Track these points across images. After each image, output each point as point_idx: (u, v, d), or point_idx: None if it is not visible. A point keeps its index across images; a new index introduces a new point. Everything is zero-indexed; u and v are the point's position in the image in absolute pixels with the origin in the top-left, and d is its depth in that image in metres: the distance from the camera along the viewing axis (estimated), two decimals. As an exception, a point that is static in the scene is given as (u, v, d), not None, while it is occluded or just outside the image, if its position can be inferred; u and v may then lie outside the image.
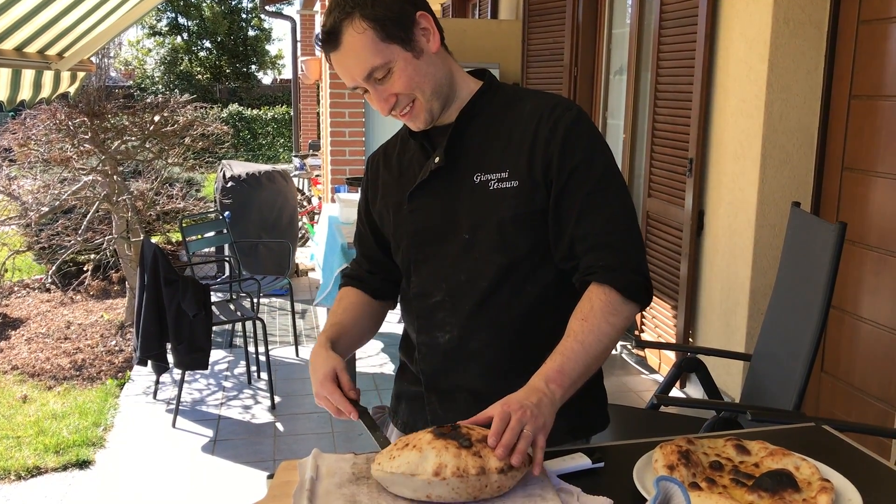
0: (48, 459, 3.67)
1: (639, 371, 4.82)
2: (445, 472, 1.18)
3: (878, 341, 3.28)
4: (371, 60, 1.41)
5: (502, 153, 1.49)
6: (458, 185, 1.51)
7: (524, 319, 1.52)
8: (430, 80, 1.47)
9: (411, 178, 1.57)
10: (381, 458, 1.25)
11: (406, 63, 1.43)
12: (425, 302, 1.57)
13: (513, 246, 1.48)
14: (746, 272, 3.81)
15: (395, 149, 1.66)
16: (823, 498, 1.18)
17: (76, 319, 5.88)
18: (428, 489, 1.19)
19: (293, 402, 4.39)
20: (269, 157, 18.07)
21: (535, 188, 1.46)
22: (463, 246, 1.51)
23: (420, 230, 1.56)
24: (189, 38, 21.20)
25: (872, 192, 3.30)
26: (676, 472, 1.25)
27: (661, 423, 2.78)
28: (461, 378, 1.56)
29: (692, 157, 4.16)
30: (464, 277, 1.52)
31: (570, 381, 1.34)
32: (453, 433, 1.23)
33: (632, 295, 1.42)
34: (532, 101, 1.52)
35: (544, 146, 1.45)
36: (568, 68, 5.78)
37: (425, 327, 1.58)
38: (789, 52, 3.57)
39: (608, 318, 1.39)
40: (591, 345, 1.37)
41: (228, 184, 6.73)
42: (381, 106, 1.48)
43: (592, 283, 1.43)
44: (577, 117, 1.47)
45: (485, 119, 1.53)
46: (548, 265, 1.51)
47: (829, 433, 1.52)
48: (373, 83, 1.45)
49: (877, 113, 3.27)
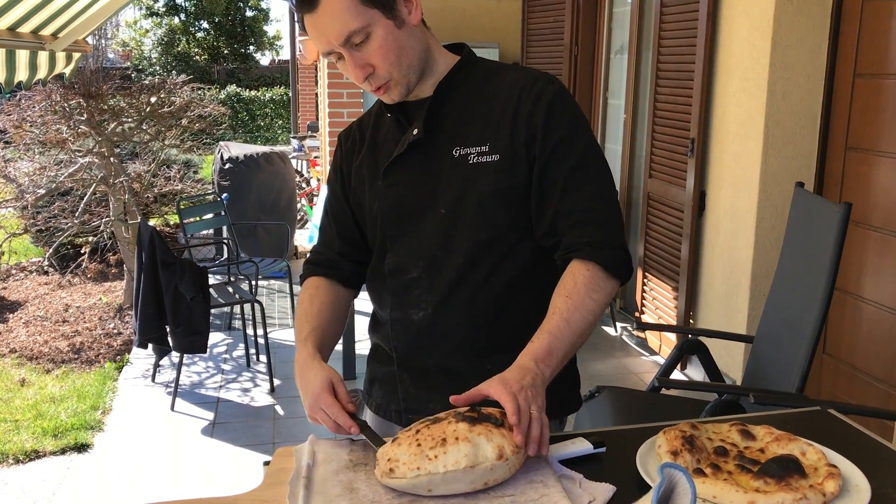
0: (46, 443, 3.66)
1: (639, 353, 4.80)
2: (506, 452, 1.16)
3: (880, 323, 3.26)
4: (350, 23, 1.35)
5: (482, 127, 1.45)
6: (437, 159, 1.47)
7: (501, 297, 1.49)
8: (409, 52, 1.42)
9: (387, 152, 1.52)
10: (416, 463, 1.16)
11: (387, 31, 1.38)
12: (400, 279, 1.52)
13: (491, 222, 1.45)
14: (748, 253, 3.78)
15: (368, 123, 1.60)
16: (830, 484, 1.15)
17: (74, 302, 5.85)
18: (488, 475, 1.16)
19: (292, 385, 4.36)
20: (267, 138, 17.99)
21: (517, 162, 1.43)
22: (440, 221, 1.47)
23: (396, 205, 1.51)
24: (186, 18, 21.05)
25: (876, 172, 3.27)
26: (680, 457, 1.22)
27: (662, 406, 2.76)
28: (435, 356, 1.52)
29: (694, 137, 4.12)
30: (440, 254, 1.48)
31: (558, 360, 1.33)
32: (483, 416, 1.21)
33: (615, 271, 1.40)
34: (511, 74, 1.49)
35: (527, 120, 1.42)
36: (568, 48, 5.71)
37: (398, 304, 1.53)
38: (793, 29, 3.52)
39: (592, 295, 1.37)
40: (576, 322, 1.35)
41: (226, 165, 6.69)
42: (355, 73, 1.41)
43: (575, 259, 1.41)
44: (560, 91, 1.44)
45: (463, 92, 1.49)
46: (525, 243, 1.48)
47: (835, 417, 1.49)
48: (349, 48, 1.38)
49: (881, 92, 3.23)
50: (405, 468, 1.16)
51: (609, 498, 1.18)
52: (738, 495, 1.13)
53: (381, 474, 1.19)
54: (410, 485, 1.16)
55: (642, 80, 4.95)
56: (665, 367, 2.86)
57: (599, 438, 1.34)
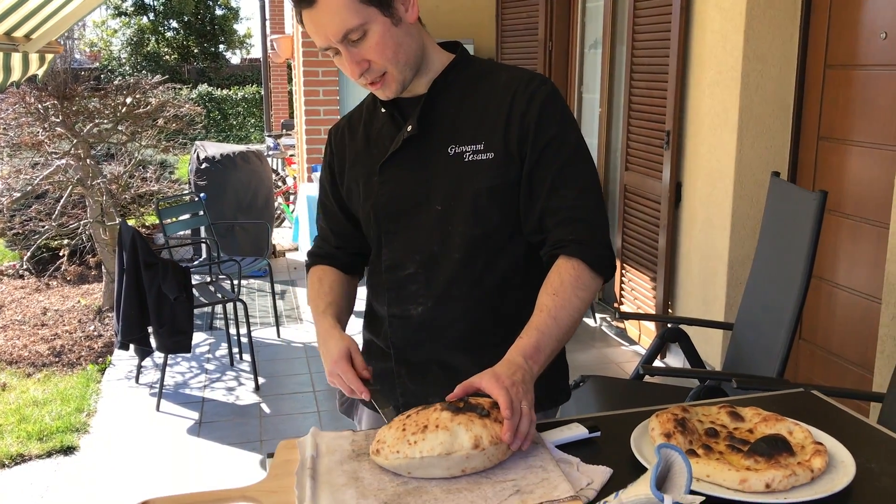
0: (32, 447, 3.64)
1: (619, 343, 4.87)
2: (483, 442, 1.21)
3: (854, 307, 3.34)
4: (348, 20, 1.38)
5: (477, 125, 1.49)
6: (431, 155, 1.51)
7: (496, 292, 1.54)
8: (405, 49, 1.45)
9: (382, 149, 1.55)
10: (397, 447, 1.22)
11: (383, 28, 1.41)
12: (397, 274, 1.56)
13: (486, 218, 1.49)
14: (724, 242, 3.85)
15: (360, 119, 1.63)
16: (818, 460, 1.20)
17: (52, 305, 5.81)
18: (464, 463, 1.21)
19: (277, 382, 4.39)
20: (240, 137, 17.89)
21: (510, 160, 1.47)
22: (436, 217, 1.51)
23: (391, 201, 1.54)
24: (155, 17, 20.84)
25: (848, 161, 3.35)
26: (673, 439, 1.27)
27: (646, 393, 2.82)
28: (432, 351, 1.57)
29: (669, 130, 4.19)
30: (436, 249, 1.52)
31: (545, 356, 1.37)
32: (468, 406, 1.25)
33: (599, 269, 1.45)
34: (506, 73, 1.52)
35: (520, 119, 1.46)
36: (543, 43, 5.76)
37: (396, 300, 1.57)
38: (765, 22, 3.59)
39: (577, 293, 1.42)
40: (562, 319, 1.40)
41: (202, 165, 6.66)
42: (351, 69, 1.45)
43: (561, 256, 1.45)
44: (553, 92, 1.49)
45: (457, 90, 1.53)
46: (518, 239, 1.52)
47: (818, 398, 1.55)
48: (346, 45, 1.41)
49: (851, 82, 3.31)
50: (388, 450, 1.23)
51: (606, 479, 1.23)
52: (730, 473, 1.18)
53: (371, 452, 1.26)
54: (392, 466, 1.23)
55: (617, 74, 5.00)
56: (647, 355, 2.92)
57: (594, 423, 1.39)
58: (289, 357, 4.78)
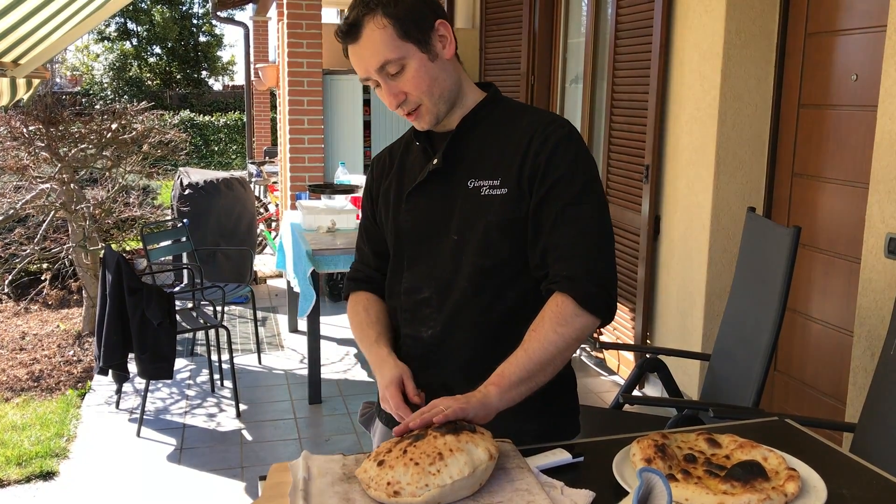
0: (10, 472, 3.63)
1: (598, 373, 4.92)
2: (492, 450, 1.30)
3: (827, 340, 3.42)
4: (386, 54, 1.50)
5: (497, 162, 1.57)
6: (453, 188, 1.60)
7: (502, 322, 1.60)
8: (440, 84, 1.56)
9: (411, 178, 1.66)
10: (423, 481, 1.23)
11: (420, 64, 1.53)
12: (414, 297, 1.65)
13: (496, 250, 1.56)
14: (702, 275, 3.94)
15: (399, 150, 1.75)
16: (791, 485, 1.26)
17: (31, 330, 5.79)
18: (483, 476, 1.28)
19: (258, 409, 4.39)
20: (221, 163, 17.89)
21: (522, 197, 1.55)
22: (451, 247, 1.60)
23: (414, 228, 1.64)
24: (139, 43, 20.88)
25: (821, 197, 3.45)
26: (654, 464, 1.32)
27: (626, 422, 2.87)
28: (439, 373, 1.63)
29: (648, 164, 4.28)
30: (449, 277, 1.60)
31: (509, 382, 1.44)
32: (458, 425, 1.33)
33: (588, 306, 1.49)
34: (530, 115, 1.61)
35: (533, 158, 1.54)
36: (525, 77, 5.88)
37: (410, 321, 1.66)
38: (741, 63, 3.71)
39: (556, 329, 1.48)
40: (534, 352, 1.47)
41: (186, 191, 6.68)
42: (389, 100, 1.57)
43: (555, 291, 1.51)
44: (569, 134, 1.56)
45: (484, 128, 1.62)
46: (527, 273, 1.59)
47: (792, 427, 1.61)
48: (385, 77, 1.53)
49: (824, 121, 3.42)
50: (412, 487, 1.24)
51: (589, 503, 1.28)
52: (708, 497, 1.23)
53: (386, 496, 1.25)
54: (425, 501, 1.24)
55: (597, 108, 5.11)
56: (627, 384, 2.97)
57: (577, 450, 1.44)
58: (270, 384, 4.79)
